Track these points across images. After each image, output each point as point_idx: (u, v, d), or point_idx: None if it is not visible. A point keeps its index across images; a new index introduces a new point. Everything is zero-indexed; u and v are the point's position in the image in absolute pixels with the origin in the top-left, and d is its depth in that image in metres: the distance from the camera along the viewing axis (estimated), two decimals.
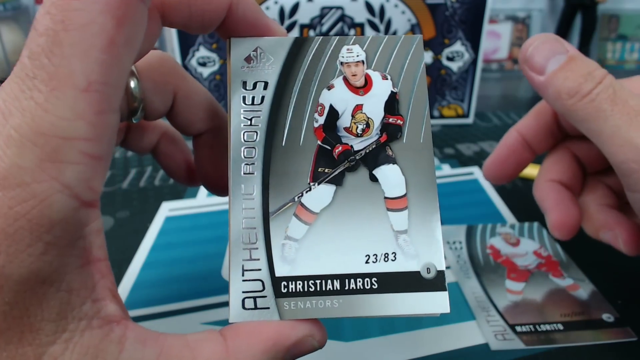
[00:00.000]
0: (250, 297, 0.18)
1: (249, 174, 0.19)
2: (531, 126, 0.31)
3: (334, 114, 0.21)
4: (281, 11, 0.58)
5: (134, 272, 0.36)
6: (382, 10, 0.59)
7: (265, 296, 0.18)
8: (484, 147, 0.58)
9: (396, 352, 0.28)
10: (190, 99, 0.24)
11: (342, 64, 0.21)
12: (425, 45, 0.60)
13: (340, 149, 0.20)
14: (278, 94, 0.20)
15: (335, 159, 0.20)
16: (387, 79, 0.21)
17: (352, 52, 0.21)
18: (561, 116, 0.30)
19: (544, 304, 0.32)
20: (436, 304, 0.18)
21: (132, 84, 0.22)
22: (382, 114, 0.21)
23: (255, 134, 0.20)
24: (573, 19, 0.98)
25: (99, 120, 0.14)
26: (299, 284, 0.19)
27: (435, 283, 0.19)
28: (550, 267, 0.35)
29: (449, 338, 0.30)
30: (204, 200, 0.46)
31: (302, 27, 0.59)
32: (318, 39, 0.21)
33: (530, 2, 0.99)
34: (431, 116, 0.64)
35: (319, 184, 0.20)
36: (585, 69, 0.24)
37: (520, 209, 0.43)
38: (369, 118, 0.21)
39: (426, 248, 0.19)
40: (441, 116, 0.65)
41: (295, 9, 0.58)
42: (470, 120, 0.65)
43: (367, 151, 0.20)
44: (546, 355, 0.28)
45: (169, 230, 0.41)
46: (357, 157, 0.20)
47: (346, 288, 0.19)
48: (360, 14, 0.59)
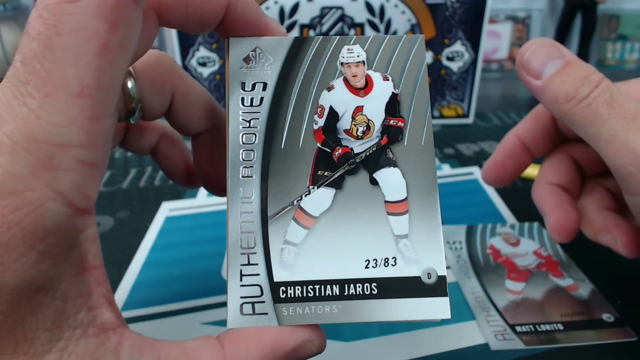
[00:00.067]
0: (249, 302, 0.18)
1: (247, 177, 0.19)
2: (529, 129, 0.31)
3: (334, 116, 0.20)
4: (281, 11, 0.58)
5: (134, 272, 0.36)
6: (382, 10, 0.59)
7: (264, 301, 0.18)
8: (484, 147, 0.57)
9: (396, 352, 0.28)
10: (188, 98, 0.24)
11: (342, 64, 0.20)
12: (425, 45, 0.60)
13: (340, 151, 0.20)
14: (277, 95, 0.20)
15: (335, 162, 0.20)
16: (388, 79, 0.20)
17: (353, 52, 0.21)
18: (559, 120, 0.30)
19: (544, 304, 0.32)
20: (437, 309, 0.18)
21: (130, 84, 0.22)
22: (382, 115, 0.20)
23: (254, 136, 0.20)
24: (573, 19, 0.97)
25: (93, 126, 0.14)
26: (298, 289, 0.18)
27: (436, 288, 0.18)
28: (550, 267, 0.35)
29: (449, 338, 0.30)
30: (204, 201, 0.46)
31: (302, 27, 0.59)
32: (318, 39, 0.21)
33: (530, 2, 0.99)
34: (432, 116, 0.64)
35: (318, 187, 0.19)
36: (582, 73, 0.24)
37: (520, 209, 0.43)
38: (369, 120, 0.20)
39: (427, 253, 0.19)
40: (441, 116, 0.65)
41: (295, 9, 0.58)
42: (470, 120, 0.65)
43: (368, 154, 0.20)
44: (546, 355, 0.28)
45: (169, 230, 0.41)
46: (357, 160, 0.20)
47: (345, 293, 0.18)
48: (360, 14, 0.59)
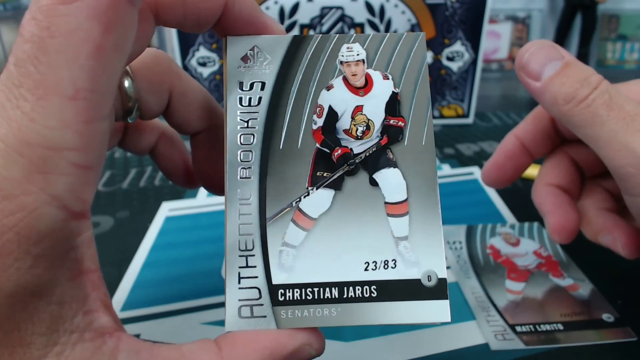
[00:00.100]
0: (247, 305, 0.18)
1: (245, 178, 0.19)
2: (529, 131, 0.31)
3: (333, 116, 0.20)
4: (281, 11, 0.58)
5: (134, 272, 0.36)
6: (382, 10, 0.59)
7: (262, 304, 0.18)
8: (484, 147, 0.57)
9: (396, 352, 0.28)
10: (186, 97, 0.23)
11: (341, 63, 0.20)
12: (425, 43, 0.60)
13: (339, 152, 0.20)
14: (276, 94, 0.20)
15: (335, 163, 0.20)
16: (388, 78, 0.20)
17: (352, 50, 0.20)
18: (558, 121, 0.30)
19: (544, 304, 0.32)
20: (437, 312, 0.18)
21: (127, 83, 0.21)
22: (382, 115, 0.20)
23: (252, 136, 0.19)
24: (573, 19, 0.98)
25: (88, 129, 0.14)
26: (297, 291, 0.18)
27: (436, 291, 0.18)
28: (550, 267, 0.35)
29: (449, 338, 0.29)
30: (204, 200, 0.46)
31: (302, 27, 0.59)
32: (317, 37, 0.20)
33: (530, 2, 0.99)
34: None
35: (317, 188, 0.19)
36: (581, 75, 0.24)
37: (520, 209, 0.43)
38: (369, 120, 0.20)
39: (427, 255, 0.18)
40: (441, 116, 0.65)
41: (295, 9, 0.58)
42: (470, 120, 0.65)
43: (367, 154, 0.20)
44: (546, 355, 0.28)
45: (169, 230, 0.41)
46: (357, 161, 0.20)
47: (345, 296, 0.18)
48: (360, 14, 0.59)
